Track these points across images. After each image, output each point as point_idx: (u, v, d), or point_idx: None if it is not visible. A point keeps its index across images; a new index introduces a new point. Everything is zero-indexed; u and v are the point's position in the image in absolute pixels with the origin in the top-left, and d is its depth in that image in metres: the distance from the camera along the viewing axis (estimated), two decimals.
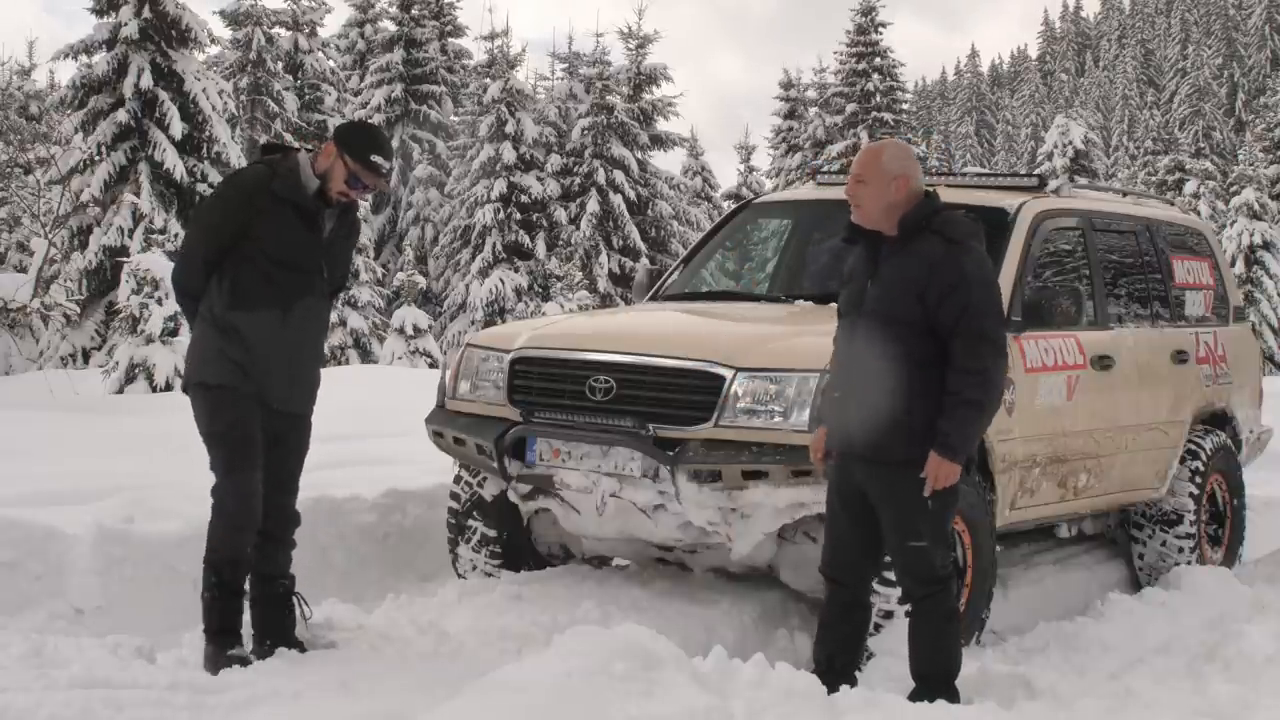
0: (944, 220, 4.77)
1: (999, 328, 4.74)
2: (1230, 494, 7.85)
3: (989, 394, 4.70)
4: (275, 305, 5.07)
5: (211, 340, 5.10)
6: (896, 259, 4.74)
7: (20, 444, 8.56)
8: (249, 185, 5.13)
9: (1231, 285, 8.37)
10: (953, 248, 4.70)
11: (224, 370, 5.07)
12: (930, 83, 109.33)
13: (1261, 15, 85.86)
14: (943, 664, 4.86)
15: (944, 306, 4.63)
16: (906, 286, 4.67)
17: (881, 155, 4.82)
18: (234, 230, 5.05)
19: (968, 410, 4.65)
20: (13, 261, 23.28)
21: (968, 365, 4.62)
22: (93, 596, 5.74)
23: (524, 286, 30.27)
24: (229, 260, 5.07)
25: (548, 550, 6.56)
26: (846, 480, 4.87)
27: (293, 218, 5.09)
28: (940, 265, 4.65)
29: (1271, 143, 40.27)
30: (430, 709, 4.22)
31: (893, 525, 4.79)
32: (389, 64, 35.13)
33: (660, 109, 33.33)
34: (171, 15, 22.41)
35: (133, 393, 16.11)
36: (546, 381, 5.97)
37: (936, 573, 4.81)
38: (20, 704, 4.31)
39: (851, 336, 4.80)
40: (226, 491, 5.08)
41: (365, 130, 5.40)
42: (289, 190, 5.08)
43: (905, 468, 4.68)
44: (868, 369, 4.70)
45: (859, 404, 4.73)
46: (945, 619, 4.86)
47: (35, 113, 23.33)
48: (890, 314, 4.68)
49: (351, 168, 5.09)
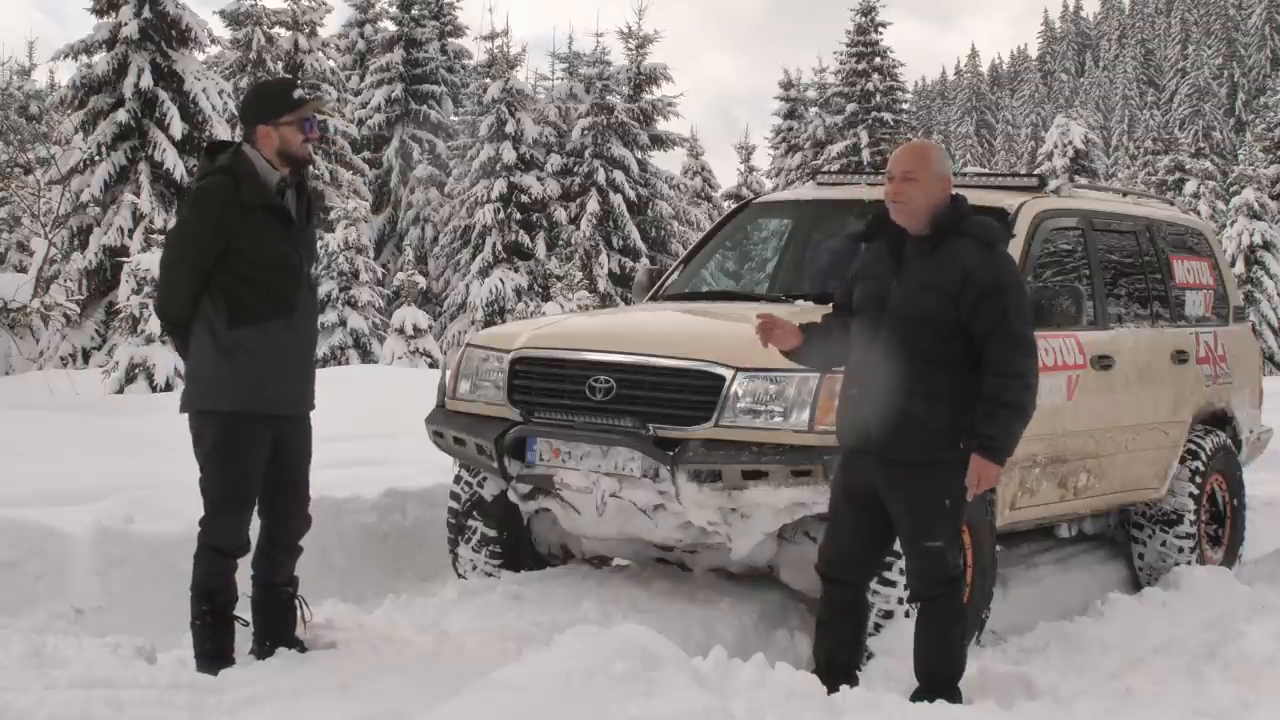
0: (976, 223, 4.78)
1: (1032, 331, 4.76)
2: (1230, 494, 7.85)
3: (1029, 396, 4.71)
4: (279, 313, 4.95)
5: (218, 363, 4.91)
6: (927, 260, 4.72)
7: (20, 444, 8.56)
8: (217, 203, 4.91)
9: (1231, 285, 8.37)
10: (988, 251, 4.71)
11: (238, 394, 4.90)
12: (930, 83, 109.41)
13: (1261, 15, 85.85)
14: (948, 664, 4.86)
15: (980, 310, 4.62)
16: (939, 288, 4.65)
17: (931, 155, 4.83)
18: (214, 252, 4.87)
19: (1011, 413, 4.66)
20: (13, 261, 23.28)
21: (1007, 369, 4.63)
22: (93, 596, 5.73)
23: (524, 286, 30.27)
24: (215, 279, 4.89)
25: (548, 550, 6.56)
26: (856, 478, 4.85)
27: (267, 219, 4.95)
28: (977, 269, 4.65)
29: (1271, 143, 40.24)
30: (430, 709, 4.21)
31: (909, 526, 4.77)
32: (389, 64, 35.12)
33: (660, 109, 33.33)
34: (171, 15, 22.43)
35: (133, 393, 16.12)
36: (546, 381, 5.97)
37: (950, 573, 4.81)
38: (20, 704, 4.30)
39: (873, 335, 4.75)
40: (221, 530, 4.98)
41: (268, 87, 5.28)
42: (257, 195, 4.92)
43: (925, 469, 4.68)
44: (889, 369, 4.67)
45: (879, 403, 4.70)
46: (953, 620, 4.86)
47: (35, 113, 23.33)
48: (919, 315, 4.66)
49: (293, 119, 4.96)
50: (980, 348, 4.65)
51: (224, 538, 5.00)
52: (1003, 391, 4.63)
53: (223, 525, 4.99)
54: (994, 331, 4.62)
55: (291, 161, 5.02)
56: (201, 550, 5.03)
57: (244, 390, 4.90)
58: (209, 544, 5.01)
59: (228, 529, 5.00)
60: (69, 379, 15.12)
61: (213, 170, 4.98)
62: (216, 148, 5.15)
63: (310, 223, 5.19)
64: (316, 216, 5.38)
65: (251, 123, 5.03)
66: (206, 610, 5.01)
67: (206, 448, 4.97)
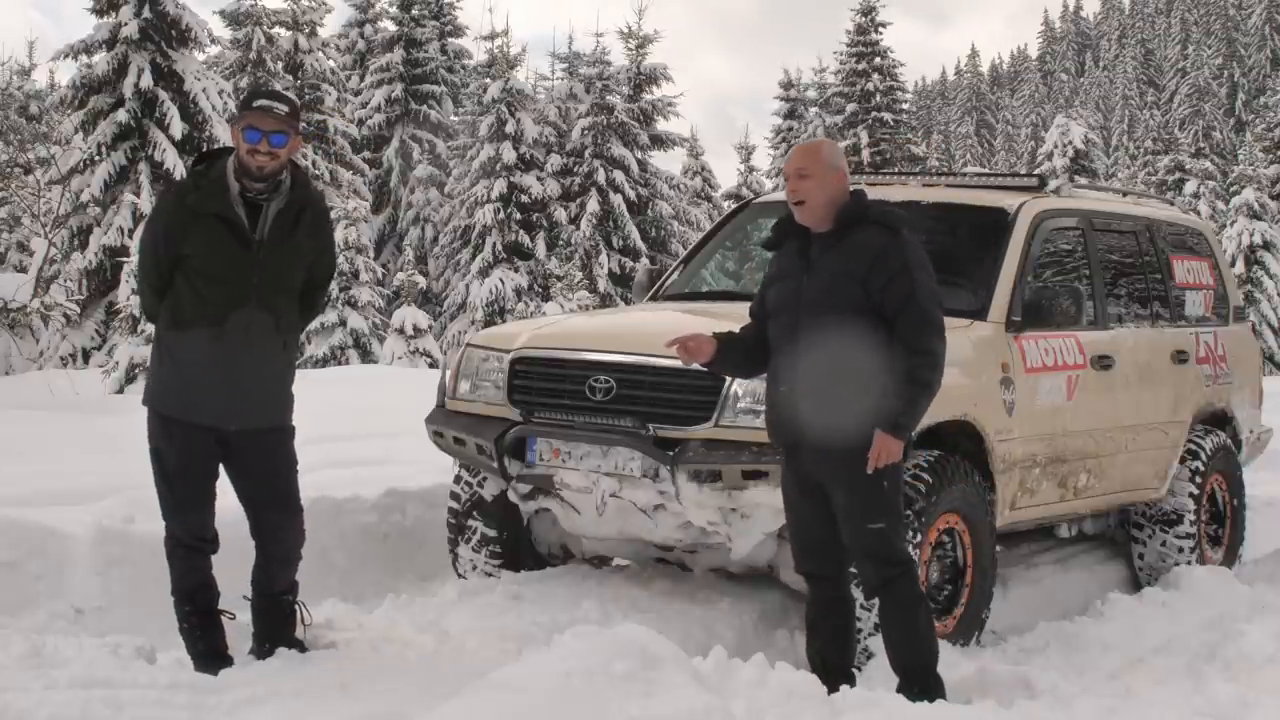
0: (881, 212, 4.89)
1: (940, 312, 4.82)
2: (1230, 494, 7.85)
3: (937, 374, 4.77)
4: (206, 322, 4.85)
5: (154, 364, 5.00)
6: (834, 252, 4.80)
7: (20, 444, 8.57)
8: (168, 206, 4.96)
9: (1231, 285, 8.37)
10: (894, 236, 4.79)
11: (166, 397, 4.93)
12: (930, 83, 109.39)
13: (1261, 15, 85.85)
14: (920, 654, 4.87)
15: (888, 292, 4.70)
16: (848, 276, 4.73)
17: (822, 150, 4.93)
18: (166, 253, 4.87)
19: (918, 390, 4.73)
20: (13, 261, 23.27)
21: (916, 347, 4.70)
22: (93, 596, 5.73)
23: (524, 286, 30.26)
24: (175, 282, 4.90)
25: (548, 550, 6.56)
26: (800, 473, 4.91)
27: (218, 228, 4.85)
28: (884, 253, 4.73)
29: (1271, 143, 40.23)
30: (430, 709, 4.21)
31: (850, 510, 4.81)
32: (389, 64, 35.12)
33: (660, 109, 33.33)
34: (171, 15, 22.42)
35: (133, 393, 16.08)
36: (546, 381, 5.98)
37: (898, 554, 4.84)
38: (20, 704, 4.30)
39: (792, 332, 4.83)
40: (179, 537, 5.01)
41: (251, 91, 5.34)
42: (205, 202, 4.84)
43: (858, 452, 4.71)
44: (813, 361, 4.75)
45: (807, 395, 4.77)
46: (913, 604, 4.87)
47: (35, 113, 23.33)
48: (833, 304, 4.74)
49: (242, 125, 4.84)
50: (891, 328, 4.72)
51: (181, 531, 5.02)
52: (911, 369, 4.69)
53: (175, 519, 5.02)
54: (903, 311, 4.70)
55: (243, 170, 4.87)
56: (168, 549, 5.06)
57: (165, 393, 4.96)
58: (169, 535, 5.04)
59: (180, 523, 5.02)
60: (69, 379, 15.10)
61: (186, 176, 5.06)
62: (204, 156, 5.12)
63: (291, 242, 4.95)
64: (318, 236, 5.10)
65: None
66: (190, 611, 5.03)
67: (149, 443, 5.03)
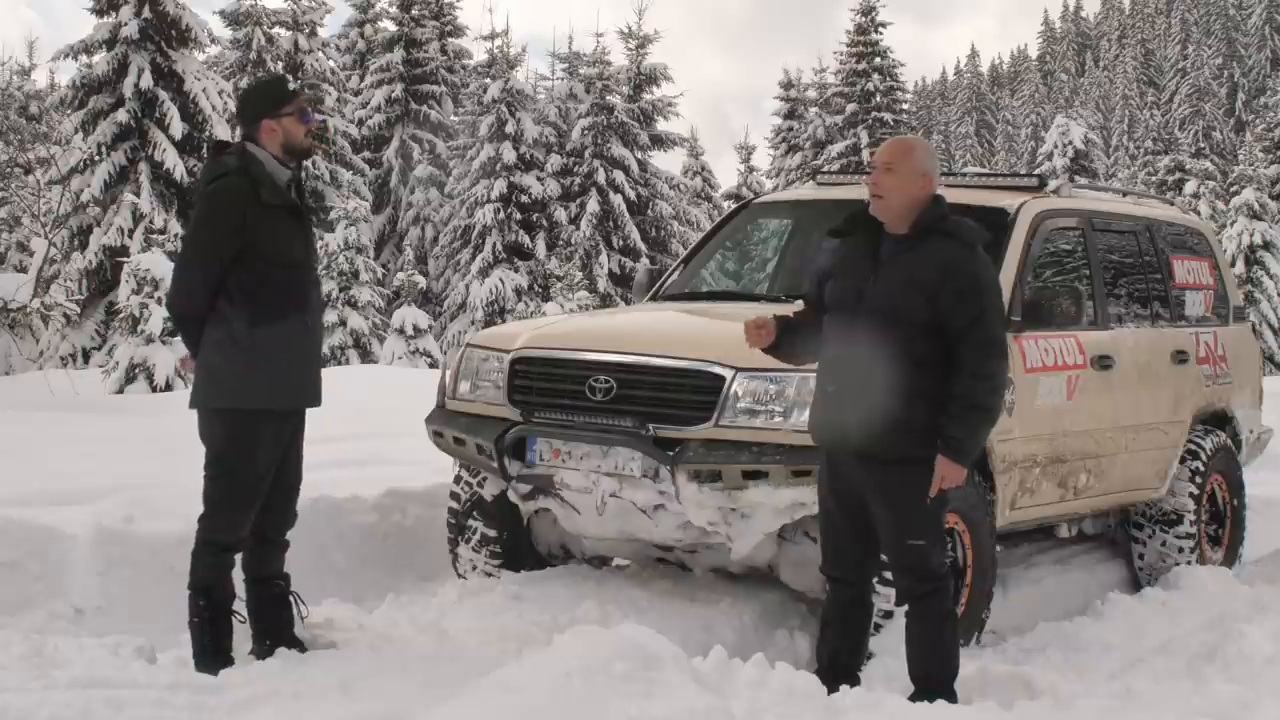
0: (957, 224, 4.75)
1: (1005, 334, 4.75)
2: (1230, 494, 7.84)
3: (998, 399, 4.71)
4: (299, 310, 5.00)
5: (236, 362, 4.91)
6: (906, 257, 4.70)
7: (20, 444, 8.57)
8: (237, 205, 4.91)
9: (1231, 285, 8.37)
10: (968, 252, 4.70)
11: (257, 392, 4.93)
12: (930, 83, 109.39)
13: (1261, 15, 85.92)
14: (942, 664, 4.85)
15: (957, 311, 4.60)
16: (916, 286, 4.63)
17: (914, 149, 4.81)
18: (231, 253, 4.89)
19: (979, 415, 4.65)
20: (13, 261, 23.31)
21: (979, 370, 4.61)
22: (93, 596, 5.73)
23: (524, 286, 30.28)
24: (231, 278, 4.90)
25: (548, 550, 6.56)
26: (840, 479, 4.84)
27: (283, 217, 5.00)
28: (956, 269, 4.63)
29: (1271, 143, 40.24)
30: (430, 709, 4.21)
31: (891, 524, 4.76)
32: (389, 64, 35.14)
33: (660, 109, 33.33)
34: (171, 15, 22.45)
35: (133, 393, 16.14)
36: (546, 381, 5.97)
37: (935, 570, 4.80)
38: (20, 704, 4.30)
39: (849, 332, 4.73)
40: (224, 526, 5.00)
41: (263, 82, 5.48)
42: (275, 195, 4.96)
43: (904, 466, 4.66)
44: (867, 366, 4.66)
45: (856, 401, 4.68)
46: (943, 619, 4.85)
47: (35, 113, 23.35)
48: (896, 312, 4.64)
49: (293, 110, 5.03)
50: (954, 348, 4.64)
51: (227, 533, 5.01)
52: (973, 393, 4.61)
53: (228, 521, 5.01)
54: (968, 332, 4.61)
55: (295, 154, 5.07)
56: (201, 546, 5.04)
57: (263, 388, 4.94)
58: (209, 539, 5.02)
59: (232, 525, 5.01)
60: (69, 379, 15.12)
61: (229, 171, 4.97)
62: (222, 147, 5.16)
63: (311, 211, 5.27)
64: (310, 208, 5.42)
65: (254, 119, 5.04)
66: (204, 606, 5.02)
67: (220, 445, 4.98)
